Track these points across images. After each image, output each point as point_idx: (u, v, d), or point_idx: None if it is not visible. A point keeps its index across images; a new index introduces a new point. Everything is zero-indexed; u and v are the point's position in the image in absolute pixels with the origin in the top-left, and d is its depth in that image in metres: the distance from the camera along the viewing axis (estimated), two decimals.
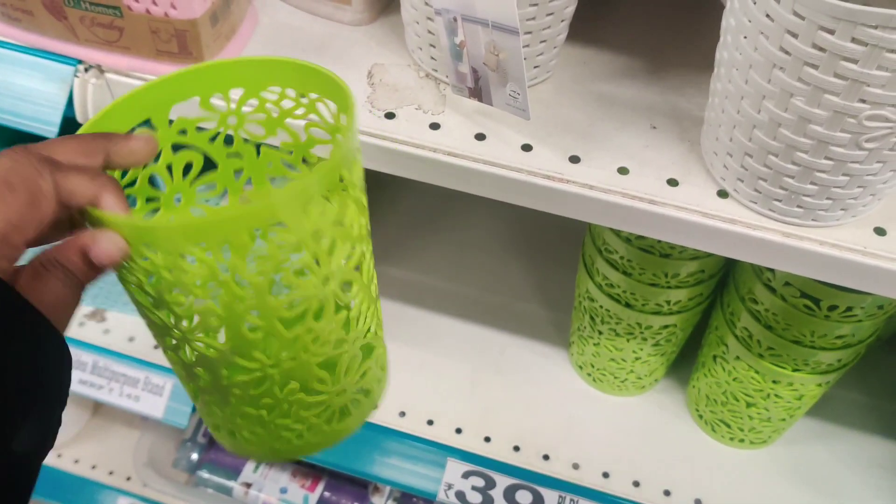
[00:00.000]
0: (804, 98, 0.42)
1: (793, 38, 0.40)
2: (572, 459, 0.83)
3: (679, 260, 0.69)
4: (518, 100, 0.51)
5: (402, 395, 0.88)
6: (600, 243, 0.73)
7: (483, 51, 0.50)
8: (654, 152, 0.54)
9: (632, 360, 0.81)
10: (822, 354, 0.68)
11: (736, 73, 0.45)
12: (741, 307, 0.71)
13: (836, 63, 0.40)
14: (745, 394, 0.76)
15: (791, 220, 0.50)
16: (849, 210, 0.49)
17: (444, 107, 0.56)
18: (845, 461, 0.84)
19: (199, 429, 1.13)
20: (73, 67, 0.58)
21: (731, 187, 0.51)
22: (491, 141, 0.54)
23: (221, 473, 1.09)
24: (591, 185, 0.52)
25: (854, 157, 0.44)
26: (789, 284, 0.65)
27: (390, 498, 1.06)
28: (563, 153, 0.54)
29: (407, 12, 0.56)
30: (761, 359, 0.71)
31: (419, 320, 0.95)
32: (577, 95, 0.58)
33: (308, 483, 1.07)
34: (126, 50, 0.57)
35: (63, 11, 0.55)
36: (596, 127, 0.56)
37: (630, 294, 0.73)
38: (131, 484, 1.16)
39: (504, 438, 0.85)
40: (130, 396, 0.89)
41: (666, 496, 0.80)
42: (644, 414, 0.88)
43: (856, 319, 0.65)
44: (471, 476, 0.81)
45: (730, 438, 0.84)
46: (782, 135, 0.45)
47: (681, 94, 0.58)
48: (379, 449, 0.84)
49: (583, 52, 0.62)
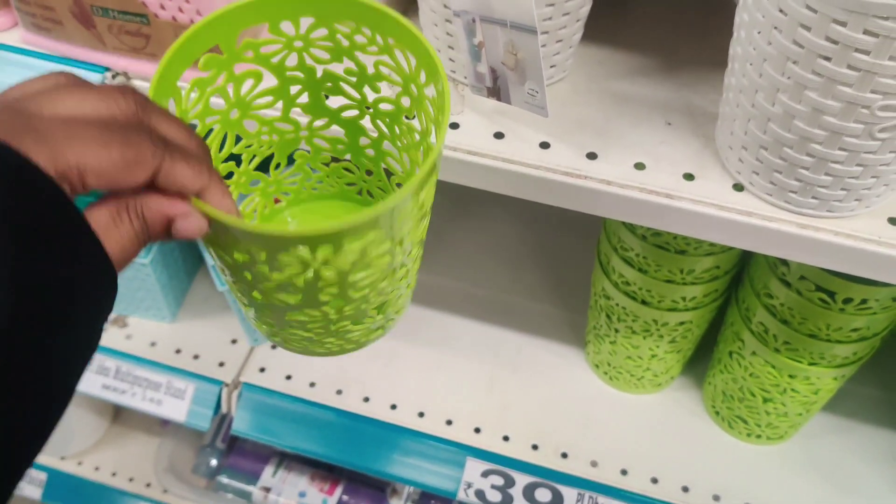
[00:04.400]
0: (818, 90, 0.43)
1: (806, 31, 0.41)
2: (590, 457, 0.84)
3: (694, 256, 0.70)
4: (536, 98, 0.52)
5: (420, 396, 0.89)
6: (615, 241, 0.74)
7: (501, 50, 0.51)
8: (669, 148, 0.55)
9: (648, 357, 0.82)
10: (838, 348, 0.69)
11: (750, 67, 0.47)
12: (756, 302, 0.72)
13: (849, 55, 0.41)
14: (761, 389, 0.77)
15: (806, 212, 0.51)
16: (863, 200, 0.50)
17: (462, 107, 0.58)
18: (862, 456, 0.85)
19: (219, 434, 1.14)
20: (101, 75, 0.60)
21: (747, 180, 0.52)
22: (509, 139, 0.55)
23: (241, 478, 1.10)
24: (609, 181, 0.53)
25: (868, 148, 0.45)
26: (804, 278, 0.66)
27: (408, 500, 1.07)
28: (581, 150, 0.55)
29: (425, 15, 0.58)
30: (777, 353, 0.72)
31: (436, 322, 0.96)
32: (593, 94, 0.59)
33: (326, 487, 1.08)
34: (152, 57, 0.58)
35: (92, 20, 0.57)
36: (612, 124, 0.57)
37: (646, 291, 0.74)
38: (151, 490, 1.17)
39: (522, 437, 0.86)
40: (153, 401, 0.90)
41: (684, 492, 0.81)
42: (661, 411, 0.89)
43: (871, 312, 0.65)
44: (490, 475, 0.82)
45: (746, 434, 0.84)
46: (797, 127, 0.46)
47: (695, 91, 0.60)
48: (399, 449, 0.85)
49: (598, 52, 0.63)
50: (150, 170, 0.32)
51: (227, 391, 0.89)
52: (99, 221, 0.32)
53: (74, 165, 0.29)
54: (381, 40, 0.46)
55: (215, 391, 0.90)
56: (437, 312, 0.97)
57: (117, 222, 0.32)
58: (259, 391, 0.88)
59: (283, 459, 1.10)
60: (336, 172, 0.57)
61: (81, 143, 0.30)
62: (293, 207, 0.58)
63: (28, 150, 0.28)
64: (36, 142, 0.29)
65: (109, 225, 0.32)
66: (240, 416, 0.88)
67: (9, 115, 0.30)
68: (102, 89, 0.33)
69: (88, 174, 0.30)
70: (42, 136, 0.29)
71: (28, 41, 0.62)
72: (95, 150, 0.30)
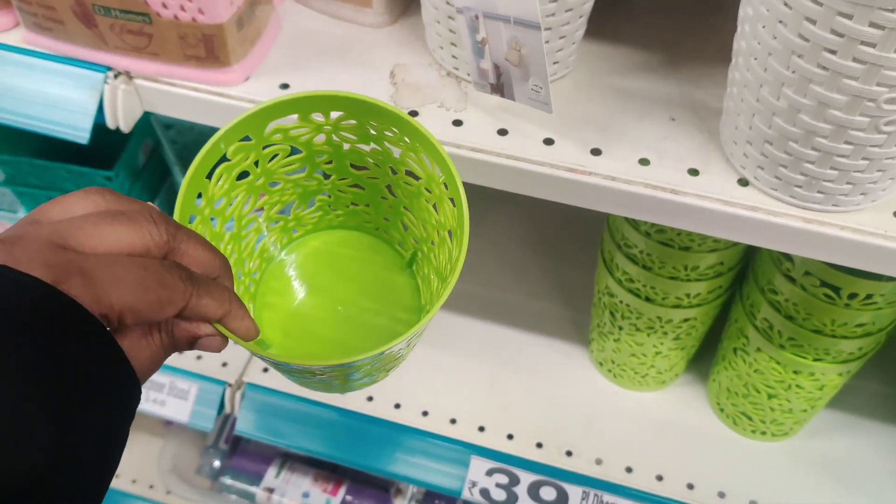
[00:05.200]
0: (823, 83, 0.43)
1: (811, 24, 0.41)
2: (595, 455, 0.84)
3: (698, 252, 0.69)
4: (540, 93, 0.52)
5: (424, 395, 0.89)
6: (619, 238, 0.74)
7: (505, 47, 0.51)
8: (673, 143, 0.55)
9: (652, 354, 0.82)
10: (843, 343, 0.69)
11: (754, 61, 0.46)
12: (761, 298, 0.71)
13: (855, 47, 0.40)
14: (766, 385, 0.77)
15: (812, 206, 0.51)
16: (868, 194, 0.50)
17: (465, 104, 0.58)
18: (867, 452, 0.84)
19: (222, 435, 1.14)
20: (103, 74, 0.60)
21: (752, 175, 0.52)
22: (513, 136, 0.55)
23: (244, 479, 1.10)
24: (614, 177, 0.53)
25: (873, 141, 0.45)
26: (809, 274, 0.65)
27: (412, 500, 1.07)
28: (585, 146, 0.55)
29: (428, 12, 0.58)
30: (782, 349, 0.72)
31: (439, 321, 0.96)
32: (596, 90, 0.59)
33: (330, 487, 1.08)
34: (155, 56, 0.58)
35: (94, 20, 0.57)
36: (616, 120, 0.57)
37: (650, 288, 0.74)
38: (154, 492, 1.17)
39: (526, 436, 0.85)
40: (156, 401, 0.90)
41: (689, 489, 0.81)
42: (665, 408, 0.88)
43: (876, 307, 0.65)
44: (495, 473, 0.82)
45: (751, 431, 0.84)
46: (802, 121, 0.46)
47: (698, 86, 0.59)
48: (403, 448, 0.85)
49: (600, 48, 0.63)
50: (179, 308, 0.36)
51: (231, 391, 0.89)
52: (132, 338, 0.35)
53: (117, 308, 0.32)
54: (409, 141, 0.47)
55: (218, 392, 0.89)
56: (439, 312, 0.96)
57: (148, 339, 0.36)
58: (262, 391, 0.88)
59: (287, 460, 1.10)
60: (355, 214, 0.57)
61: (124, 288, 0.33)
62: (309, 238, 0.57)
63: (77, 294, 0.31)
64: (84, 286, 0.31)
65: (141, 341, 0.36)
66: (243, 416, 0.88)
67: (52, 253, 0.31)
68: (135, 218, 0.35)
69: (127, 315, 0.33)
70: (88, 279, 0.31)
71: (30, 41, 0.62)
72: (136, 294, 0.33)
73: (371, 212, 0.55)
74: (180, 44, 0.57)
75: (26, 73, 0.61)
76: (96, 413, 0.31)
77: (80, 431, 0.30)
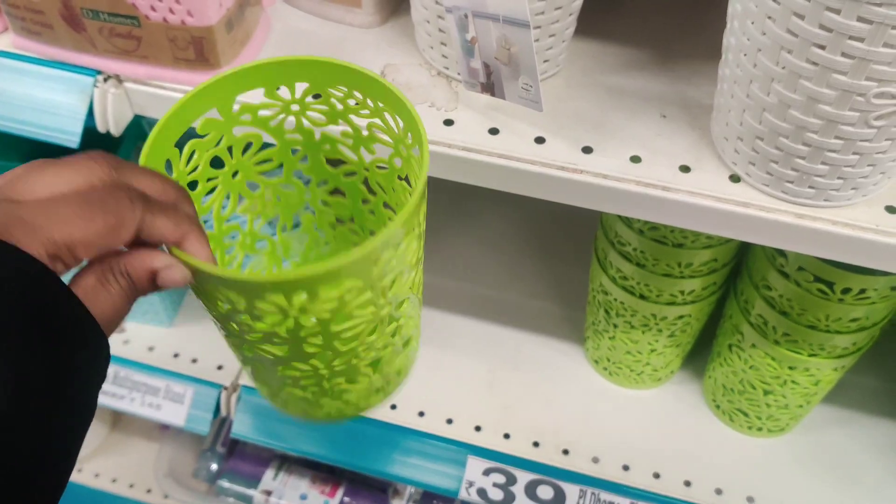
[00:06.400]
0: (812, 79, 0.43)
1: (799, 19, 0.41)
2: (592, 453, 0.84)
3: (692, 249, 0.69)
4: (531, 92, 0.52)
5: (420, 395, 0.88)
6: (613, 236, 0.74)
7: (495, 46, 0.51)
8: (665, 140, 0.55)
9: (647, 352, 0.82)
10: (838, 338, 0.69)
11: (744, 57, 0.46)
12: (755, 294, 0.71)
13: (843, 42, 0.40)
14: (761, 381, 0.77)
15: (804, 202, 0.51)
16: (860, 189, 0.50)
17: (456, 103, 0.58)
18: (863, 446, 0.85)
19: (219, 438, 1.14)
20: (93, 78, 0.59)
21: (743, 171, 0.52)
22: (504, 135, 0.55)
23: (241, 482, 1.10)
24: (605, 175, 0.53)
25: (863, 136, 0.45)
26: (803, 269, 0.65)
27: (410, 501, 1.06)
28: (576, 144, 0.55)
29: (417, 12, 0.58)
30: (777, 345, 0.72)
31: (434, 321, 0.95)
32: (587, 88, 0.59)
33: (328, 489, 1.08)
34: (144, 59, 0.58)
35: (82, 23, 0.57)
36: (607, 118, 0.57)
37: (644, 286, 0.74)
38: (152, 496, 1.16)
39: (523, 435, 0.85)
40: (152, 405, 0.90)
41: (686, 487, 0.81)
42: (661, 406, 0.88)
43: (869, 302, 0.65)
44: (492, 473, 0.82)
45: (748, 427, 0.84)
46: (792, 116, 0.46)
47: (689, 83, 0.59)
48: (399, 449, 0.85)
49: (591, 46, 0.63)
50: (132, 229, 0.34)
51: (226, 394, 0.89)
52: (87, 287, 0.34)
53: (63, 244, 0.32)
54: (372, 103, 0.47)
55: (214, 395, 0.89)
56: (434, 311, 0.96)
57: (105, 284, 0.35)
58: (258, 394, 0.88)
59: (284, 462, 1.10)
60: (343, 236, 0.57)
61: (65, 222, 0.32)
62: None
63: (19, 241, 0.30)
64: (25, 232, 0.31)
65: (98, 288, 0.35)
66: (239, 419, 0.88)
67: None
68: (75, 161, 0.35)
69: (78, 248, 0.32)
70: (29, 224, 0.31)
71: (18, 45, 0.61)
72: (79, 225, 0.32)
73: (357, 228, 0.55)
74: (170, 46, 0.57)
75: (15, 77, 0.61)
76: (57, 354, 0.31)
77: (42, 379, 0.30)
